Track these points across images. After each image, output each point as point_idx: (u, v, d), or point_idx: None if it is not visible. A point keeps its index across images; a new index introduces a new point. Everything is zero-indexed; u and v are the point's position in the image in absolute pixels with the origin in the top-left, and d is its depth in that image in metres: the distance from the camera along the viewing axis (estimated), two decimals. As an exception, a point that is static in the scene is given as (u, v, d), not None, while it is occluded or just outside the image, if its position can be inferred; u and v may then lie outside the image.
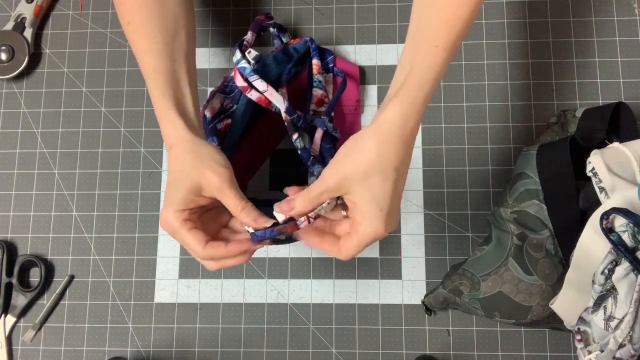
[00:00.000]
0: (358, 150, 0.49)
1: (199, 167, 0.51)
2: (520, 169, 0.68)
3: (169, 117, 0.54)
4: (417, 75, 0.51)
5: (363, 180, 0.48)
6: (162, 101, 0.55)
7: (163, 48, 0.57)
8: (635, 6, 0.78)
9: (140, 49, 0.57)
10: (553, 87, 0.77)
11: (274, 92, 0.64)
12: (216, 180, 0.51)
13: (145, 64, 0.57)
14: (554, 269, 0.62)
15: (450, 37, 0.51)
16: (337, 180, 0.49)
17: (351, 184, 0.49)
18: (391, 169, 0.49)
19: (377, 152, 0.48)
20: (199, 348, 0.73)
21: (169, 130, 0.54)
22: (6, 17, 0.82)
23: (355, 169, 0.49)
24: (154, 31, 0.57)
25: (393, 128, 0.49)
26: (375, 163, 0.48)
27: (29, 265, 0.76)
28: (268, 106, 0.67)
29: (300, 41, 0.72)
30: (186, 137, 0.53)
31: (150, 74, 0.56)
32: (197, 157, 0.52)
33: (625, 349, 0.52)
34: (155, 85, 0.55)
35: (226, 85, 0.69)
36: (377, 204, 0.49)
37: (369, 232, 0.49)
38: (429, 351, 0.71)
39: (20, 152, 0.79)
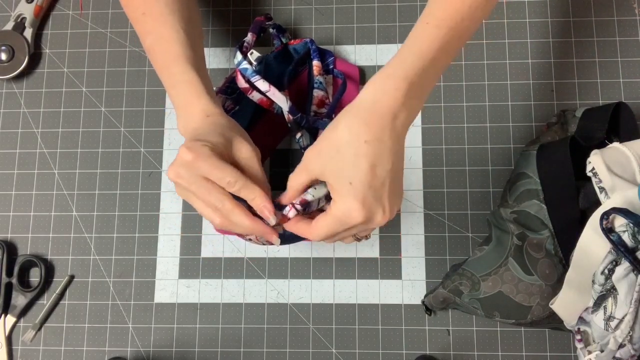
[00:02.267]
0: (332, 126, 0.49)
1: (237, 133, 0.52)
2: (520, 169, 0.68)
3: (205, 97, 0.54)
4: (401, 50, 0.50)
5: (333, 155, 0.47)
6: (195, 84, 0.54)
7: (185, 37, 0.57)
8: (635, 6, 0.78)
9: (161, 37, 0.57)
10: (553, 87, 0.77)
11: (277, 92, 0.64)
12: (250, 149, 0.51)
13: (167, 52, 0.56)
14: (554, 269, 0.62)
15: (443, 15, 0.50)
16: (311, 157, 0.49)
17: (324, 160, 0.48)
18: (361, 142, 0.47)
19: (347, 125, 0.47)
20: (199, 348, 0.73)
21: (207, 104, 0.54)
22: (6, 17, 0.82)
23: (327, 144, 0.48)
24: (174, 21, 0.57)
25: (365, 102, 0.48)
26: (344, 137, 0.47)
27: (29, 265, 0.76)
28: (269, 107, 0.67)
29: (300, 42, 0.72)
30: (222, 112, 0.54)
31: (176, 59, 0.56)
32: (235, 126, 0.53)
33: (625, 349, 0.52)
34: (185, 70, 0.55)
35: (228, 86, 0.69)
36: (345, 178, 0.47)
37: (339, 210, 0.47)
38: (429, 351, 0.71)
39: (20, 152, 0.79)
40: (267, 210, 0.49)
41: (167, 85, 0.57)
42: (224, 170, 0.48)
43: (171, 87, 0.56)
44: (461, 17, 0.51)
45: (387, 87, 0.48)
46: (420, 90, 0.50)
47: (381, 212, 0.48)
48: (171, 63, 0.56)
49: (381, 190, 0.47)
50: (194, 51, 0.57)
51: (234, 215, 0.48)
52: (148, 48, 0.59)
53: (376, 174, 0.47)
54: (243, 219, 0.48)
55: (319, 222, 0.50)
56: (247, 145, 0.51)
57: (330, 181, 0.48)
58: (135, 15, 0.60)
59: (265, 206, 0.49)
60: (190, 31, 0.58)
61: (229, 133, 0.51)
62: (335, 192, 0.48)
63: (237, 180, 0.48)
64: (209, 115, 0.53)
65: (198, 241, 0.75)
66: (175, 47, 0.56)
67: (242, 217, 0.48)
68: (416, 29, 0.52)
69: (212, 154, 0.48)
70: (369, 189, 0.47)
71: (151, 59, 0.59)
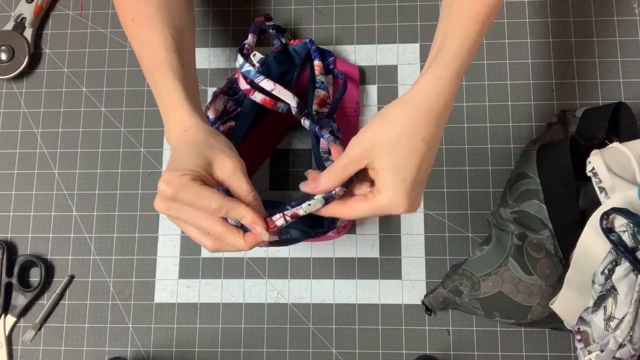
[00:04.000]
0: (389, 121, 0.49)
1: (215, 148, 0.50)
2: (520, 169, 0.68)
3: (184, 106, 0.53)
4: (449, 48, 0.50)
5: (389, 149, 0.48)
6: (175, 92, 0.54)
7: (172, 42, 0.56)
8: (635, 6, 0.78)
9: (148, 42, 0.57)
10: (553, 87, 0.77)
11: (282, 89, 0.63)
12: (230, 164, 0.49)
13: (153, 57, 0.56)
14: (554, 269, 0.62)
15: (483, 9, 0.51)
16: (363, 149, 0.49)
17: (377, 152, 0.48)
18: (419, 140, 0.48)
19: (409, 122, 0.48)
20: (199, 348, 0.73)
21: (184, 116, 0.53)
22: (6, 17, 0.82)
23: (384, 138, 0.48)
24: (162, 26, 0.57)
25: (426, 100, 0.49)
26: (405, 133, 0.48)
27: (29, 265, 0.76)
28: (273, 107, 0.67)
29: (300, 43, 0.72)
30: (202, 124, 0.53)
31: (159, 66, 0.55)
32: (213, 140, 0.51)
33: (625, 349, 0.52)
34: (166, 77, 0.54)
35: (230, 87, 0.69)
36: (400, 174, 0.48)
37: (386, 201, 0.49)
38: (429, 351, 0.71)
39: (20, 152, 0.79)
40: (259, 227, 0.49)
41: (153, 92, 0.57)
42: (206, 198, 0.47)
43: (156, 95, 0.56)
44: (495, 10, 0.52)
45: (443, 86, 0.49)
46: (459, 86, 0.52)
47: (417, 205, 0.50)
48: (155, 70, 0.55)
49: (422, 186, 0.50)
50: (179, 57, 0.56)
51: (226, 237, 0.48)
52: (137, 53, 0.59)
53: (422, 171, 0.49)
54: (236, 239, 0.49)
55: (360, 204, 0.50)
56: (227, 161, 0.49)
57: (382, 173, 0.49)
58: (125, 20, 0.60)
59: (255, 222, 0.48)
60: (179, 37, 0.57)
61: (208, 151, 0.50)
62: (384, 185, 0.48)
63: (221, 205, 0.47)
64: (187, 130, 0.52)
65: (198, 241, 0.75)
66: (160, 53, 0.55)
67: (234, 238, 0.48)
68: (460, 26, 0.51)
69: (191, 183, 0.47)
70: (415, 184, 0.49)
71: (141, 66, 0.58)
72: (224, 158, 0.50)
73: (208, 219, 0.48)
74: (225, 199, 0.48)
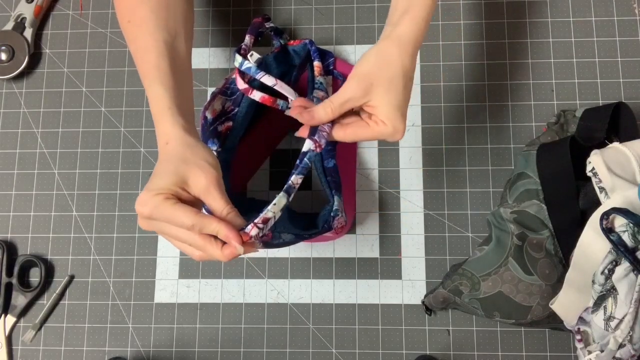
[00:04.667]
0: (384, 61, 0.54)
1: (190, 163, 0.51)
2: (520, 169, 0.68)
3: (167, 116, 0.54)
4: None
5: (388, 86, 0.54)
6: (160, 99, 0.54)
7: (164, 47, 0.57)
8: (635, 6, 0.78)
9: (140, 46, 0.57)
10: (553, 87, 0.77)
11: (284, 85, 0.63)
12: (203, 180, 0.50)
13: (145, 61, 0.56)
14: (554, 269, 0.62)
15: None
16: (364, 87, 0.54)
17: (377, 90, 0.54)
18: (409, 76, 0.55)
19: (400, 62, 0.54)
20: (199, 348, 0.73)
21: (167, 128, 0.54)
22: (6, 17, 0.82)
23: (382, 77, 0.54)
24: (156, 30, 0.57)
25: (411, 40, 0.55)
26: (399, 71, 0.54)
27: (29, 265, 0.76)
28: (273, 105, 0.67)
29: (299, 43, 0.72)
30: (183, 135, 0.53)
31: (150, 71, 0.56)
32: (190, 154, 0.52)
33: (625, 349, 0.52)
34: (154, 83, 0.55)
35: (227, 87, 0.69)
36: (397, 107, 0.54)
37: (390, 130, 0.54)
38: (429, 351, 0.71)
39: (20, 152, 0.79)
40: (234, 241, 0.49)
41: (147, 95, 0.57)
42: (179, 217, 0.48)
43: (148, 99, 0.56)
44: None
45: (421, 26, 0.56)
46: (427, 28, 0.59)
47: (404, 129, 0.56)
48: (145, 76, 0.56)
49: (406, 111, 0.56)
50: (170, 62, 0.56)
51: (207, 249, 0.50)
52: (133, 56, 0.59)
53: (407, 99, 0.55)
54: (215, 251, 0.50)
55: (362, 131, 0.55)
56: (201, 176, 0.50)
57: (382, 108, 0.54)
58: (122, 22, 0.60)
59: (229, 237, 0.49)
60: (172, 41, 0.58)
61: (183, 167, 0.50)
62: (387, 117, 0.54)
63: (194, 223, 0.48)
64: (168, 142, 0.53)
65: (198, 241, 0.75)
66: (151, 57, 0.56)
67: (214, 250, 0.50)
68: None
69: (163, 203, 0.49)
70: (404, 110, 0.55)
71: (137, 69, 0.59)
72: (198, 173, 0.50)
73: (186, 233, 0.49)
74: (198, 216, 0.49)
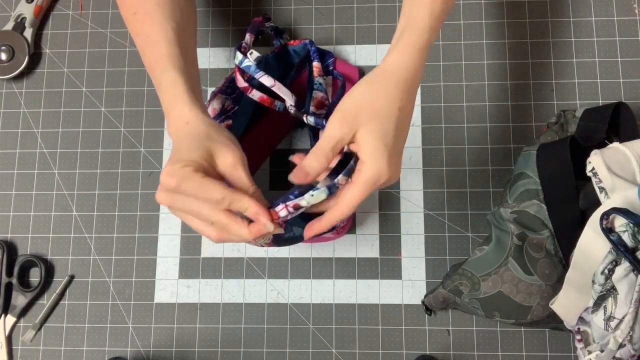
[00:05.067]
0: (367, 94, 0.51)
1: (215, 140, 0.50)
2: (520, 169, 0.68)
3: (185, 99, 0.53)
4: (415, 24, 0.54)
5: (370, 118, 0.50)
6: (176, 84, 0.54)
7: (173, 36, 0.56)
8: (635, 6, 0.78)
9: (149, 36, 0.57)
10: (553, 87, 0.77)
11: (282, 87, 0.63)
12: (230, 156, 0.49)
13: (155, 51, 0.56)
14: (554, 269, 0.62)
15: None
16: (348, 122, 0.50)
17: (360, 124, 0.50)
18: (395, 108, 0.51)
19: (385, 93, 0.51)
20: (199, 348, 0.73)
21: (185, 110, 0.53)
22: (6, 17, 0.82)
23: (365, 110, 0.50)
24: (163, 20, 0.57)
25: (398, 71, 0.52)
26: (383, 104, 0.50)
27: (29, 265, 0.76)
28: (271, 105, 0.67)
29: (299, 43, 0.72)
30: (203, 116, 0.53)
31: (161, 59, 0.55)
32: (214, 132, 0.51)
33: (625, 349, 0.52)
34: (168, 69, 0.54)
35: (228, 86, 0.69)
36: (382, 139, 0.49)
37: (373, 170, 0.49)
38: (429, 351, 0.71)
39: (20, 152, 0.79)
40: (263, 217, 0.48)
41: (155, 86, 0.57)
42: (209, 190, 0.47)
43: (157, 89, 0.56)
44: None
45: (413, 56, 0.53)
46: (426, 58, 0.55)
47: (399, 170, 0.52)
48: (156, 63, 0.55)
49: (400, 152, 0.52)
50: (181, 51, 0.56)
51: (231, 228, 0.48)
52: (139, 48, 0.59)
53: (399, 138, 0.51)
54: (240, 229, 0.48)
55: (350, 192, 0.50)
56: (229, 153, 0.49)
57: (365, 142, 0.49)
58: (127, 15, 0.60)
59: (259, 213, 0.48)
60: (180, 31, 0.57)
61: (210, 143, 0.50)
62: (368, 152, 0.49)
63: (224, 196, 0.47)
64: (189, 122, 0.52)
65: (198, 241, 0.75)
66: (161, 46, 0.56)
67: (239, 228, 0.48)
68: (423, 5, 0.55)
69: (193, 174, 0.47)
70: (395, 149, 0.50)
71: (142, 60, 0.58)
72: (226, 150, 0.50)
73: (211, 209, 0.48)
74: (228, 190, 0.47)
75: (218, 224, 0.48)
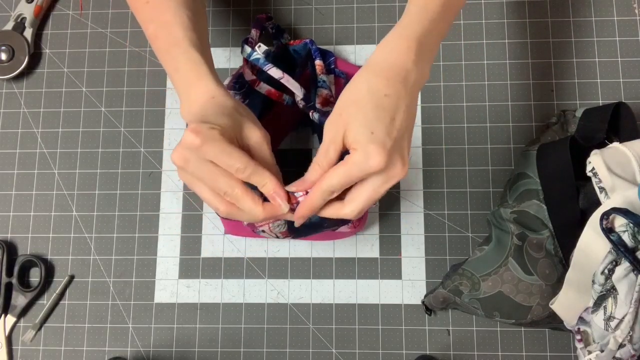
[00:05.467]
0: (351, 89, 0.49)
1: (244, 115, 0.49)
2: (520, 169, 0.68)
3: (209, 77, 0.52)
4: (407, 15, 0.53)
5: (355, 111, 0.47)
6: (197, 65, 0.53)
7: (189, 22, 0.56)
8: (635, 6, 0.78)
9: (163, 23, 0.56)
10: (553, 87, 0.77)
11: (290, 79, 0.63)
12: (258, 133, 0.49)
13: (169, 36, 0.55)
14: (554, 269, 0.62)
15: None
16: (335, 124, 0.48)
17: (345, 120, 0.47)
18: (381, 95, 0.48)
19: (367, 83, 0.48)
20: (199, 348, 0.73)
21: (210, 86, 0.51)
22: (6, 17, 0.82)
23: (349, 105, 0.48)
24: (178, 7, 0.56)
25: (381, 61, 0.50)
26: (364, 91, 0.48)
27: (29, 265, 0.76)
28: (279, 99, 0.66)
29: (300, 43, 0.72)
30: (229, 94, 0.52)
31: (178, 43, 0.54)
32: (242, 109, 0.51)
33: (625, 349, 0.52)
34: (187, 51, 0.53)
35: (236, 82, 0.69)
36: (368, 128, 0.46)
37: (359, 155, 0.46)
38: (429, 351, 0.71)
39: (20, 152, 0.79)
40: (279, 197, 0.47)
41: (170, 70, 0.55)
42: (233, 156, 0.45)
43: (174, 71, 0.54)
44: None
45: (401, 46, 0.50)
46: (427, 53, 0.52)
47: (400, 163, 0.48)
48: (173, 46, 0.55)
49: (400, 142, 0.48)
50: (197, 34, 0.56)
51: (244, 202, 0.46)
52: (150, 35, 0.58)
53: (395, 126, 0.47)
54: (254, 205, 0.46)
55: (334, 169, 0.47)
56: (256, 129, 0.49)
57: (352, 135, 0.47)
58: (138, 5, 0.59)
59: (277, 192, 0.47)
60: (193, 16, 0.57)
61: (237, 116, 0.49)
62: (356, 142, 0.46)
63: (247, 166, 0.45)
64: (214, 97, 0.51)
65: (198, 241, 0.75)
66: (178, 30, 0.55)
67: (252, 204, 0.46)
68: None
69: (220, 138, 0.45)
70: (389, 138, 0.47)
71: (154, 47, 0.58)
72: (252, 126, 0.49)
73: (229, 178, 0.46)
74: (252, 161, 0.46)
75: (231, 196, 0.46)
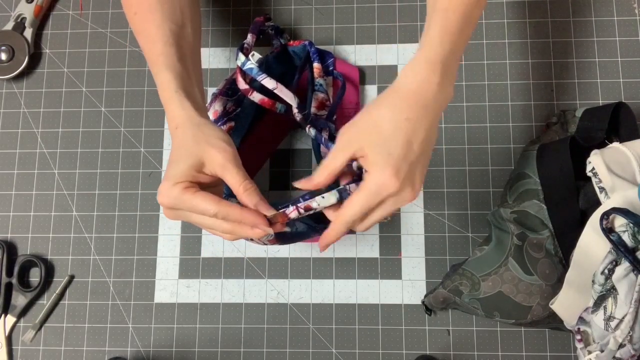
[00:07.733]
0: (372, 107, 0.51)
1: (203, 143, 0.51)
2: (520, 169, 0.68)
3: (175, 99, 0.54)
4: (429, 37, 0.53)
5: (373, 130, 0.49)
6: (168, 84, 0.55)
7: (170, 36, 0.57)
8: (635, 6, 0.78)
9: (147, 36, 0.58)
10: (553, 87, 0.77)
11: (284, 89, 0.63)
12: (220, 157, 0.50)
13: (152, 50, 0.57)
14: (554, 269, 0.62)
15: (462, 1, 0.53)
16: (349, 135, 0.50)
17: (362, 135, 0.50)
18: (402, 119, 0.49)
19: (390, 104, 0.50)
20: (199, 348, 0.73)
21: (176, 111, 0.53)
22: (6, 17, 0.82)
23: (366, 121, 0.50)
24: (162, 20, 0.57)
25: (406, 86, 0.51)
26: (386, 114, 0.50)
27: (29, 265, 0.76)
28: (272, 107, 0.67)
29: (299, 44, 0.72)
30: (193, 117, 0.53)
31: (157, 58, 0.56)
32: (201, 134, 0.52)
33: (625, 349, 0.52)
34: (162, 69, 0.55)
35: (229, 88, 0.69)
36: (385, 147, 0.48)
37: (375, 179, 0.48)
38: (429, 351, 0.71)
39: (20, 152, 0.79)
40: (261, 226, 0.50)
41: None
42: (201, 206, 0.49)
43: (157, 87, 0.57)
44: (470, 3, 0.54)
45: (426, 72, 0.51)
46: (451, 73, 0.53)
47: (411, 188, 0.50)
48: (153, 63, 0.57)
49: (414, 166, 0.49)
50: (177, 50, 0.57)
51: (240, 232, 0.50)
52: (141, 48, 0.60)
53: (412, 149, 0.49)
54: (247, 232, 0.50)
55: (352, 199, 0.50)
56: (217, 154, 0.50)
57: (369, 153, 0.49)
58: (129, 14, 0.61)
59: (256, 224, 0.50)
60: (180, 31, 0.58)
61: (197, 148, 0.50)
62: (372, 164, 0.49)
63: (218, 211, 0.49)
64: (177, 127, 0.53)
65: (198, 241, 0.75)
66: (157, 46, 0.56)
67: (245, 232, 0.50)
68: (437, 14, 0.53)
69: (183, 194, 0.49)
70: (404, 161, 0.49)
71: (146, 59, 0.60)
72: (212, 152, 0.50)
73: (212, 220, 0.50)
74: (220, 205, 0.49)
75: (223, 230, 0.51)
